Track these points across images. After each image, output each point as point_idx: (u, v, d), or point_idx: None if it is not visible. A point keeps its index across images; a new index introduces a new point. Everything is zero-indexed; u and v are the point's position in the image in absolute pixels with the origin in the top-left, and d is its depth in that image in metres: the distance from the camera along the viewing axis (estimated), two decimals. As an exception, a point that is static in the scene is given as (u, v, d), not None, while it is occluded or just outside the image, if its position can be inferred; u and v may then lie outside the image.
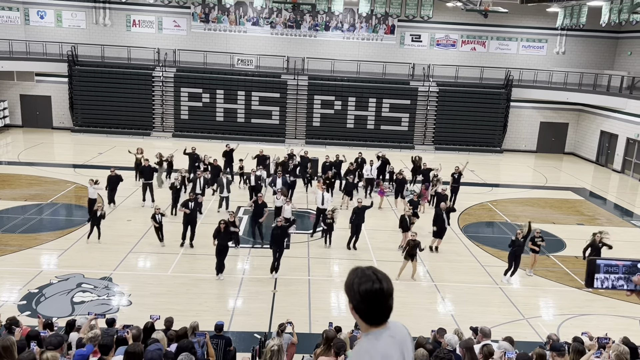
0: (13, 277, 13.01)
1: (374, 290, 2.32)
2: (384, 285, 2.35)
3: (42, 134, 30.39)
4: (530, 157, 32.18)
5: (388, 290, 2.36)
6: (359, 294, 2.33)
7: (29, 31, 31.61)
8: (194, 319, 9.13)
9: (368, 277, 2.35)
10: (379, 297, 2.33)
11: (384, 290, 2.34)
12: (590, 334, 8.81)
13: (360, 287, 2.33)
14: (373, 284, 2.33)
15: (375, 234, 17.25)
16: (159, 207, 15.23)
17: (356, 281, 2.35)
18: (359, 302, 2.35)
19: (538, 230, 14.42)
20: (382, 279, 2.36)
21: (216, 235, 13.19)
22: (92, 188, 16.44)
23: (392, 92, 31.38)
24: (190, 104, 30.93)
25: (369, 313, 2.36)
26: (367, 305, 2.34)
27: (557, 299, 13.50)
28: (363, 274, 2.37)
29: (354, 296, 2.35)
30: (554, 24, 30.79)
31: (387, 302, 2.36)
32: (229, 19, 32.35)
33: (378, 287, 2.33)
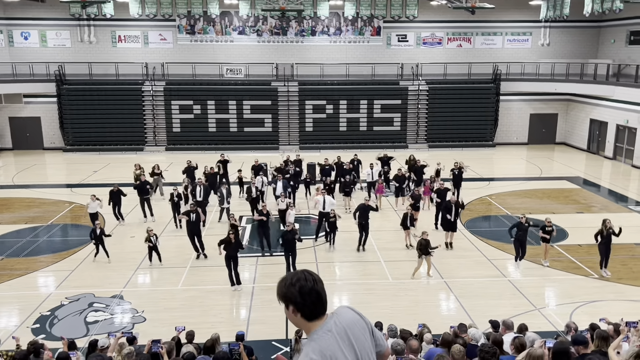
0: (22, 301, 12.90)
1: (308, 284, 2.53)
2: (315, 277, 2.58)
3: (34, 155, 30.14)
4: (522, 149, 32.52)
5: (317, 283, 2.57)
6: (298, 292, 2.52)
7: (13, 53, 31.38)
8: (210, 331, 9.13)
9: (300, 277, 2.56)
10: (312, 288, 2.53)
11: (316, 280, 2.57)
12: (607, 320, 8.94)
13: (298, 285, 2.53)
14: (306, 279, 2.55)
15: (380, 234, 17.33)
16: (152, 229, 15.09)
17: (291, 282, 2.55)
18: (297, 300, 2.52)
19: (549, 219, 14.60)
20: (310, 275, 2.59)
21: (225, 246, 13.17)
22: (94, 203, 16.39)
23: (382, 92, 31.59)
24: (181, 117, 30.87)
25: (308, 306, 2.53)
26: (304, 299, 2.52)
27: (566, 288, 13.66)
28: (295, 276, 2.58)
29: (293, 296, 2.53)
30: (537, 16, 31.24)
31: (321, 294, 2.57)
32: (215, 30, 32.37)
33: (311, 279, 2.56)
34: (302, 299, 2.52)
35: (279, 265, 14.87)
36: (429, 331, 8.65)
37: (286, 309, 2.58)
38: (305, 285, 2.53)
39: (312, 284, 2.55)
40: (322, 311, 2.57)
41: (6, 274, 14.36)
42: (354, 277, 14.44)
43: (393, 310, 12.31)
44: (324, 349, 2.45)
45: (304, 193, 21.34)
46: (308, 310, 2.54)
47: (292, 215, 15.98)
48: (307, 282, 2.55)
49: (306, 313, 2.54)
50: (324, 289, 2.59)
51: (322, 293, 2.57)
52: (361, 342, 2.60)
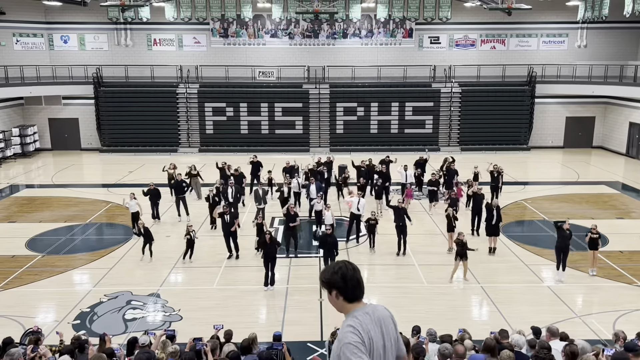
0: (63, 297, 13.22)
1: (349, 272, 2.98)
2: (354, 266, 3.04)
3: (72, 155, 30.93)
4: (558, 152, 31.80)
5: (357, 270, 3.03)
6: (341, 278, 2.97)
7: (53, 56, 32.30)
8: (246, 330, 9.16)
9: (341, 266, 3.02)
10: (352, 276, 2.98)
11: (355, 269, 3.02)
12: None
13: (340, 272, 2.98)
14: (347, 267, 3.01)
15: (413, 237, 17.08)
16: (191, 225, 15.37)
17: (334, 270, 3.00)
18: (340, 285, 2.96)
19: (594, 225, 14.21)
20: (350, 264, 3.04)
21: (262, 246, 13.25)
22: (132, 202, 16.73)
23: (414, 95, 31.34)
24: (214, 119, 31.24)
25: (350, 290, 2.97)
26: (346, 283, 2.96)
27: (608, 296, 13.25)
28: (337, 265, 3.04)
29: (336, 281, 2.98)
30: (574, 17, 30.57)
31: (359, 279, 3.01)
32: (247, 33, 32.68)
33: (351, 268, 3.02)
34: (344, 283, 2.96)
35: (312, 267, 14.91)
36: (470, 337, 8.50)
37: (329, 294, 3.01)
38: (346, 272, 2.99)
39: (352, 272, 3.01)
40: (360, 295, 3.01)
41: (47, 270, 14.74)
42: (387, 280, 14.33)
43: (429, 314, 12.16)
44: (362, 323, 2.88)
45: (335, 195, 21.31)
46: (350, 294, 2.97)
47: (330, 216, 15.93)
48: (348, 270, 3.01)
49: (348, 296, 2.98)
50: (361, 276, 3.05)
51: (360, 279, 3.03)
52: (389, 336, 3.02)
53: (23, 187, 24.22)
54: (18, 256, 15.75)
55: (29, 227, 18.26)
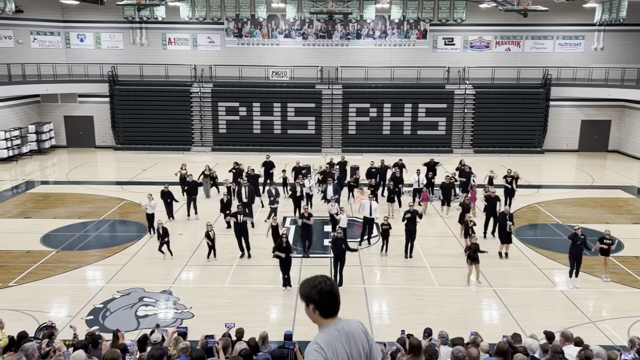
0: (77, 292, 13.35)
1: (327, 288, 3.05)
2: (332, 282, 3.12)
3: (86, 153, 31.25)
4: (573, 156, 31.48)
5: (334, 287, 3.11)
6: (318, 293, 3.04)
7: (70, 54, 32.65)
8: (257, 329, 9.18)
9: (320, 281, 3.07)
10: (329, 292, 3.05)
11: (333, 285, 3.10)
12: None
13: (319, 287, 3.04)
14: (325, 284, 3.06)
15: (425, 240, 17.07)
16: (211, 223, 15.45)
17: (313, 285, 3.06)
18: (317, 300, 3.04)
19: (608, 231, 14.04)
20: (329, 280, 3.11)
21: (278, 249, 13.28)
22: (150, 204, 16.86)
23: (427, 96, 31.21)
24: (227, 118, 31.38)
25: (326, 306, 3.06)
26: (322, 299, 3.04)
27: (623, 301, 13.09)
28: (316, 280, 3.09)
29: (314, 297, 3.05)
30: (590, 20, 30.23)
31: (335, 295, 3.09)
32: (261, 33, 32.77)
33: (330, 284, 3.08)
34: (321, 299, 3.04)
35: (324, 267, 14.90)
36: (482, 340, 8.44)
37: (306, 307, 3.11)
38: (324, 288, 3.06)
39: (330, 288, 3.08)
40: (335, 311, 3.11)
41: (61, 266, 14.90)
42: (399, 282, 14.27)
43: (441, 316, 12.10)
44: (330, 340, 3.01)
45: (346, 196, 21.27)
46: (325, 309, 3.06)
47: (344, 220, 15.92)
48: (327, 286, 3.08)
49: (323, 312, 3.06)
50: (339, 293, 3.12)
51: (337, 296, 3.11)
52: (358, 349, 3.10)
53: (38, 184, 24.52)
54: (33, 251, 15.94)
55: (44, 223, 18.47)
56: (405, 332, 8.59)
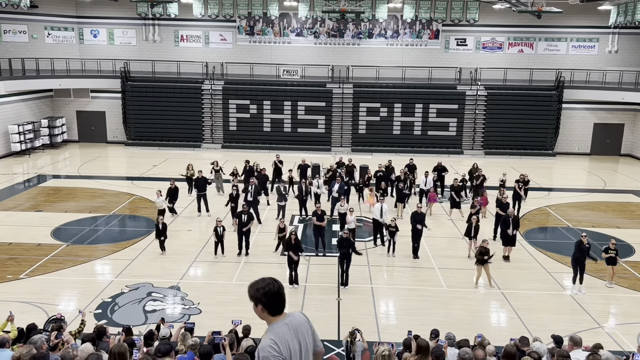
0: (86, 286, 13.46)
1: (274, 289, 3.37)
2: (279, 284, 3.43)
3: (98, 148, 31.49)
4: (585, 159, 31.20)
5: (281, 288, 3.43)
6: (264, 295, 3.37)
7: (83, 50, 32.90)
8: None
9: (268, 283, 3.39)
10: (275, 293, 3.38)
11: (280, 286, 3.42)
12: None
13: (267, 289, 3.37)
14: (272, 285, 3.39)
15: (433, 241, 17.03)
16: (221, 220, 15.48)
17: (261, 287, 3.39)
18: (265, 301, 3.37)
19: (613, 241, 13.90)
20: (276, 282, 3.42)
21: (287, 247, 13.30)
22: (159, 199, 16.96)
23: (438, 97, 31.09)
24: (238, 116, 31.46)
25: (273, 305, 3.38)
26: (270, 300, 3.37)
27: (632, 307, 12.96)
28: (264, 282, 3.41)
29: (261, 298, 3.38)
30: (605, 22, 29.94)
31: (281, 296, 3.42)
32: (273, 31, 32.80)
33: (277, 286, 3.41)
34: (268, 300, 3.37)
35: (331, 266, 14.90)
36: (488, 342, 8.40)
37: (255, 307, 3.44)
38: (271, 290, 3.38)
39: (277, 289, 3.40)
40: (282, 309, 3.45)
41: (71, 260, 15.03)
42: (406, 282, 14.24)
43: (447, 318, 12.05)
44: (281, 335, 3.33)
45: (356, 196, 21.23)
46: (273, 308, 3.39)
47: (352, 220, 15.92)
48: (274, 287, 3.40)
49: (271, 311, 3.40)
50: (284, 293, 3.46)
51: (283, 296, 3.44)
52: (305, 338, 3.46)
53: (50, 178, 24.74)
54: (43, 244, 16.09)
55: (55, 217, 18.65)
56: (412, 333, 8.57)
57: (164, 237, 15.43)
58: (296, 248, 13.36)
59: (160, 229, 15.34)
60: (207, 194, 19.38)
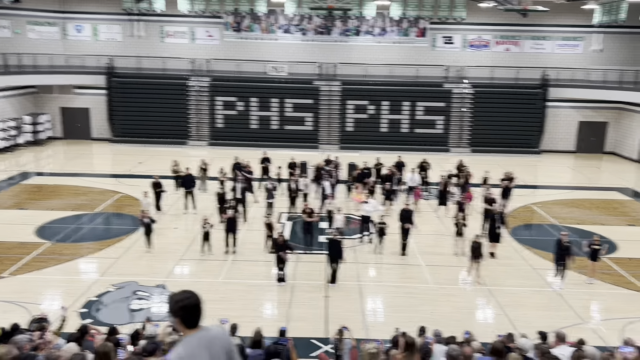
0: (71, 285, 13.29)
1: (192, 303, 3.44)
2: (197, 298, 3.47)
3: (82, 145, 31.11)
4: (569, 157, 31.54)
5: (197, 301, 3.47)
6: (182, 309, 3.41)
7: (67, 45, 32.45)
8: (251, 325, 9.16)
9: (186, 297, 3.45)
10: (193, 307, 3.44)
11: (198, 300, 3.47)
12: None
13: (185, 302, 3.42)
14: (190, 299, 3.44)
15: (420, 238, 17.06)
16: (207, 218, 15.36)
17: (178, 300, 3.43)
18: (182, 315, 3.42)
19: (597, 238, 14.05)
20: (194, 296, 3.47)
21: (274, 246, 13.24)
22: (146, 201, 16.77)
23: (425, 94, 31.19)
24: (225, 113, 31.27)
25: (190, 319, 3.44)
26: (186, 313, 3.43)
27: (616, 303, 13.12)
28: (183, 295, 3.45)
29: (179, 312, 3.42)
30: (590, 21, 30.29)
31: (198, 309, 3.47)
32: (260, 28, 32.65)
33: (195, 299, 3.46)
34: (185, 314, 3.43)
35: (319, 264, 14.88)
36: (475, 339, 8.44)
37: (174, 319, 3.48)
38: (189, 304, 3.44)
39: (194, 303, 3.46)
40: (197, 323, 3.48)
41: (55, 258, 14.83)
42: (394, 279, 14.27)
43: (435, 315, 12.10)
44: (190, 348, 3.40)
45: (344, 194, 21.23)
46: (189, 322, 3.44)
47: (340, 220, 15.91)
48: (192, 301, 3.46)
49: (187, 323, 3.44)
50: (201, 304, 3.51)
51: (201, 309, 3.50)
52: (217, 354, 3.47)
53: (33, 175, 24.38)
54: (27, 243, 15.85)
55: (38, 215, 18.38)
56: (400, 330, 8.58)
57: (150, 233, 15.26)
58: (285, 248, 13.29)
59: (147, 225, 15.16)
60: (193, 192, 19.26)
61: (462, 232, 15.46)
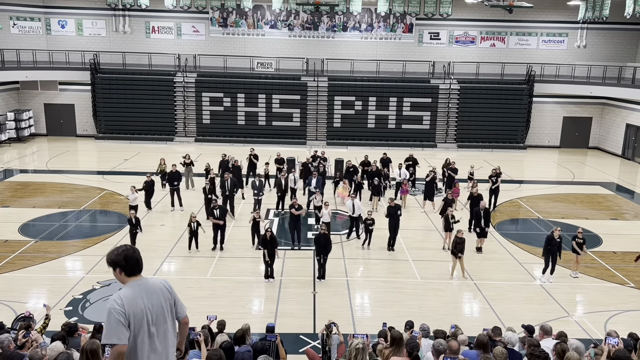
0: (56, 283, 13.15)
1: (129, 253, 3.84)
2: (134, 248, 3.92)
3: (67, 141, 30.75)
4: (554, 152, 31.89)
5: (136, 252, 3.90)
6: (123, 258, 3.81)
7: (50, 41, 32.00)
8: (239, 321, 9.14)
9: (125, 249, 3.87)
10: (132, 256, 3.84)
11: (135, 250, 3.90)
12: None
13: (123, 254, 3.82)
14: (128, 250, 3.86)
15: (407, 233, 17.16)
16: (195, 215, 15.29)
17: (119, 252, 3.84)
18: (122, 264, 3.81)
19: (580, 230, 14.23)
20: (131, 248, 3.91)
21: (263, 244, 13.22)
22: (133, 195, 16.62)
23: (412, 90, 31.30)
24: (211, 109, 31.10)
25: (129, 267, 3.83)
26: (127, 262, 3.81)
27: (600, 296, 13.32)
28: (121, 248, 3.88)
29: (120, 261, 3.81)
30: (574, 17, 30.56)
31: (137, 259, 3.88)
32: (247, 23, 32.48)
33: (132, 249, 3.89)
34: (126, 262, 3.81)
35: (307, 260, 14.91)
36: (462, 333, 8.51)
37: (114, 271, 3.86)
38: (128, 254, 3.83)
39: (132, 253, 3.85)
40: (138, 271, 3.88)
41: (40, 256, 14.66)
42: (381, 274, 14.33)
43: (422, 309, 12.19)
44: (130, 293, 3.74)
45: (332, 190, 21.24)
46: (129, 270, 3.83)
47: (327, 215, 15.92)
48: (129, 251, 3.85)
49: (127, 272, 3.83)
50: (140, 256, 3.90)
51: (139, 259, 3.89)
52: (157, 301, 3.84)
53: (17, 172, 24.05)
54: (11, 241, 15.65)
55: (23, 212, 18.14)
56: (387, 325, 8.62)
57: (138, 231, 15.13)
58: (272, 243, 13.28)
59: (133, 223, 15.05)
60: (180, 189, 19.15)
61: (451, 227, 15.53)
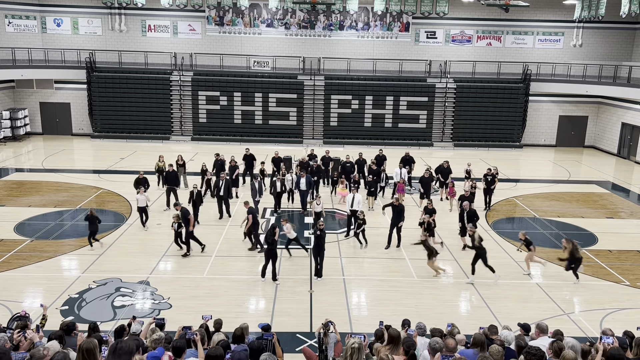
0: (52, 282, 13.11)
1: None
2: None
3: (63, 140, 30.65)
4: (550, 151, 31.98)
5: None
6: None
7: (46, 39, 31.88)
8: (236, 320, 9.15)
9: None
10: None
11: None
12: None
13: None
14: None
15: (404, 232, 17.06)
16: (176, 215, 15.19)
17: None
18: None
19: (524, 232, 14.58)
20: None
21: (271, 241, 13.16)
22: (141, 196, 16.56)
23: (409, 89, 31.32)
24: (208, 107, 31.05)
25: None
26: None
27: (596, 294, 13.36)
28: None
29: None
30: (570, 16, 30.63)
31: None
32: (243, 22, 32.43)
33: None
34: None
35: (303, 259, 14.90)
36: (458, 331, 8.53)
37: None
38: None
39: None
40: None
41: (36, 255, 14.62)
42: (378, 273, 14.34)
43: (418, 308, 12.21)
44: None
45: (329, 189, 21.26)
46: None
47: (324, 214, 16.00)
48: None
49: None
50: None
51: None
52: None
53: (13, 171, 23.96)
54: (6, 240, 15.60)
55: (18, 211, 18.08)
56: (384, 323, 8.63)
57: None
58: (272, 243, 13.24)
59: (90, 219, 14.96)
60: (177, 188, 19.11)
61: (432, 232, 15.54)
